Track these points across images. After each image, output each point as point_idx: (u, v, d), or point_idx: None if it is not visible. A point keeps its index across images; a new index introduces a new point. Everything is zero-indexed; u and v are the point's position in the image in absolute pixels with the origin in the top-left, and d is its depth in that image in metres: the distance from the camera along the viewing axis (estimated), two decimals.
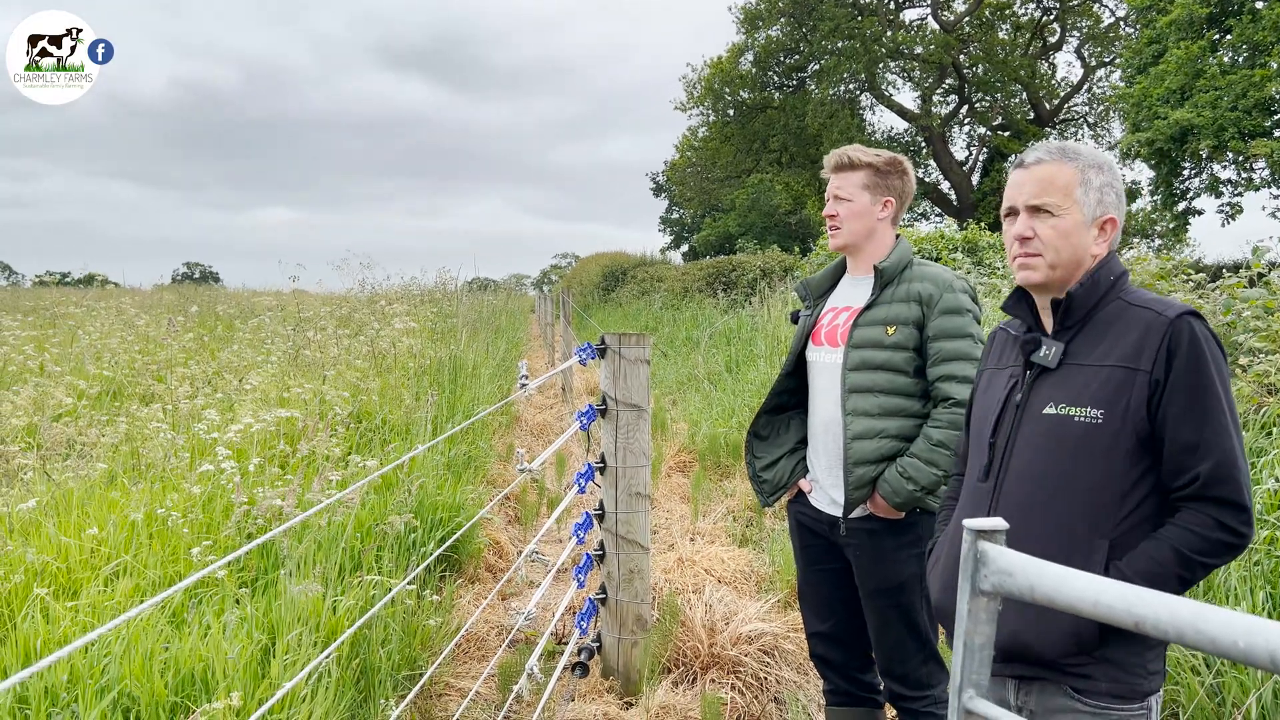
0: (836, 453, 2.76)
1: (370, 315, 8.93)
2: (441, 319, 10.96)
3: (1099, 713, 1.82)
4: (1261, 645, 0.88)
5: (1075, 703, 1.83)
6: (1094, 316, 1.91)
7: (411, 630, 4.04)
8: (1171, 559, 1.76)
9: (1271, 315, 4.44)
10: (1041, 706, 1.88)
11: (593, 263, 36.21)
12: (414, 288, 13.86)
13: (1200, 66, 20.09)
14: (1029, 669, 1.87)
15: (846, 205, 2.77)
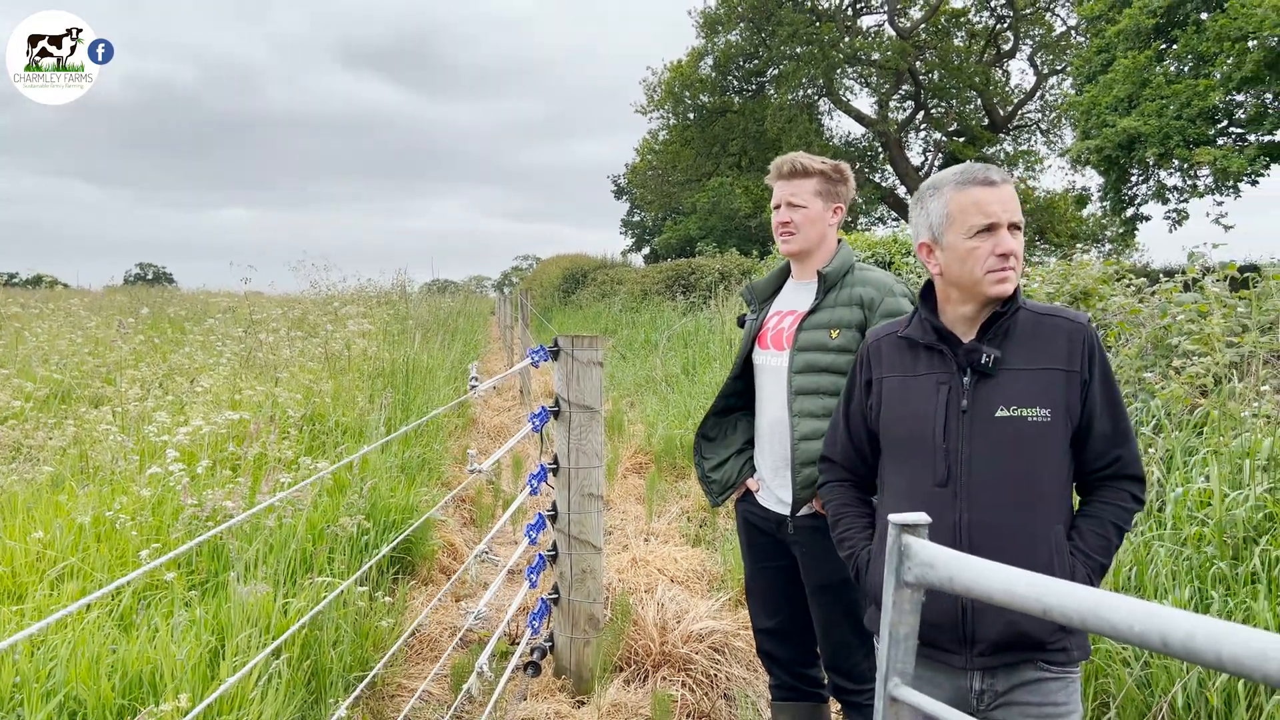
0: (783, 453, 2.83)
1: (324, 317, 8.87)
2: (397, 321, 10.91)
3: (1062, 676, 2.03)
4: (1155, 629, 0.94)
5: (1044, 673, 2.02)
6: (1013, 326, 2.04)
7: (363, 631, 4.04)
8: (1112, 531, 2.02)
9: (1204, 319, 4.59)
10: (1009, 684, 2.02)
11: (553, 265, 36.17)
12: (370, 289, 13.77)
13: (1147, 76, 20.57)
14: (1019, 654, 2.01)
15: (801, 212, 2.84)
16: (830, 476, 2.36)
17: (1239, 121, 20.92)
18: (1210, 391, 4.26)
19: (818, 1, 29.80)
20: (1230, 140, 21.12)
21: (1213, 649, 0.89)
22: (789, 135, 28.44)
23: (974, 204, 2.02)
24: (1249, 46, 19.21)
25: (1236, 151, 19.83)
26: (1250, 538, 3.33)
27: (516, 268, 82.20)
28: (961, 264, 2.03)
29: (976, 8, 30.54)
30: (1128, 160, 21.25)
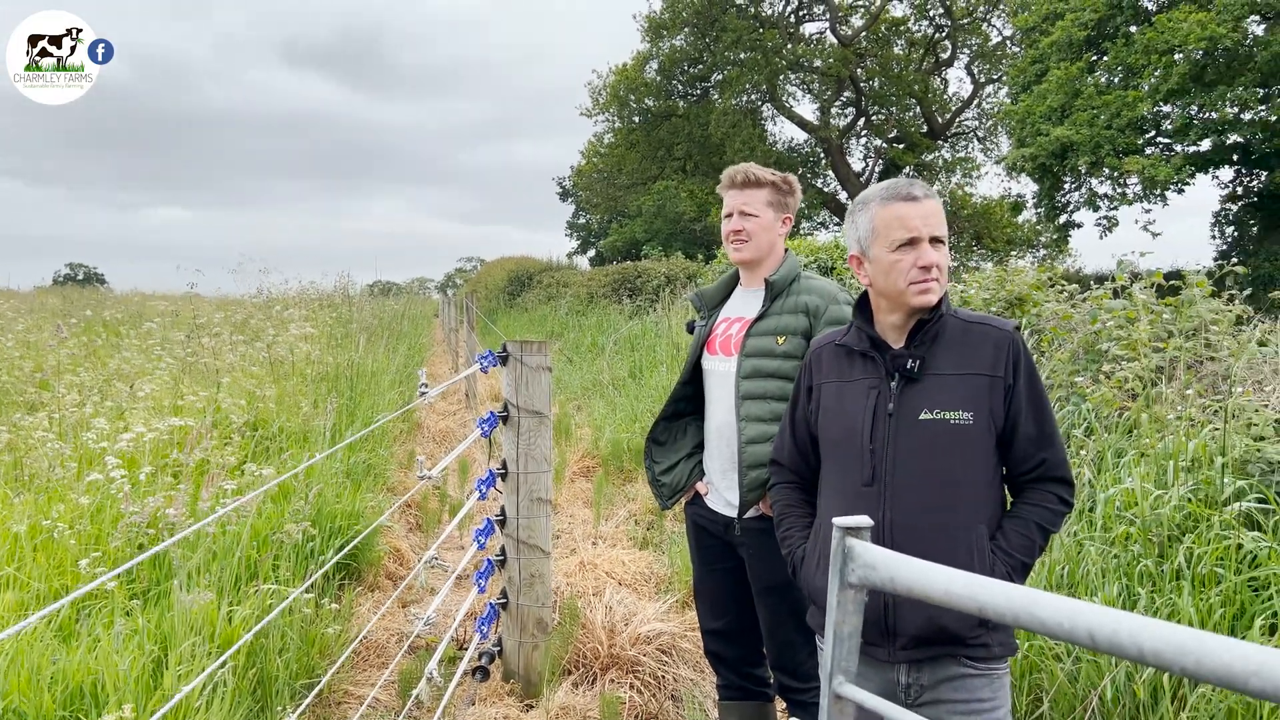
0: (731, 456, 2.89)
1: (266, 321, 8.74)
2: (340, 325, 10.79)
3: (986, 673, 2.10)
4: (1082, 626, 1.01)
5: (967, 669, 2.09)
6: (940, 333, 2.13)
7: (310, 639, 4.01)
8: (1035, 532, 2.09)
9: (1132, 325, 4.77)
10: (933, 679, 2.10)
11: (498, 267, 36.00)
12: (312, 292, 13.59)
13: (1079, 86, 21.17)
14: (938, 649, 2.08)
15: (754, 221, 2.91)
16: (778, 478, 2.44)
17: (1166, 132, 21.61)
18: (1138, 395, 4.42)
19: (761, 8, 30.11)
20: (1158, 150, 21.81)
21: (1134, 644, 0.95)
22: (733, 140, 28.69)
23: (897, 219, 2.11)
24: (1175, 59, 19.88)
25: (1163, 161, 20.48)
26: (1174, 536, 3.47)
27: (460, 270, 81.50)
28: (886, 276, 2.12)
29: (915, 17, 31.12)
30: (1060, 168, 21.84)
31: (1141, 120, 20.66)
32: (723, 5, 28.91)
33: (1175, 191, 21.53)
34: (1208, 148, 21.66)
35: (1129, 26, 21.72)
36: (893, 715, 1.33)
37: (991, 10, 30.02)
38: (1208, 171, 22.45)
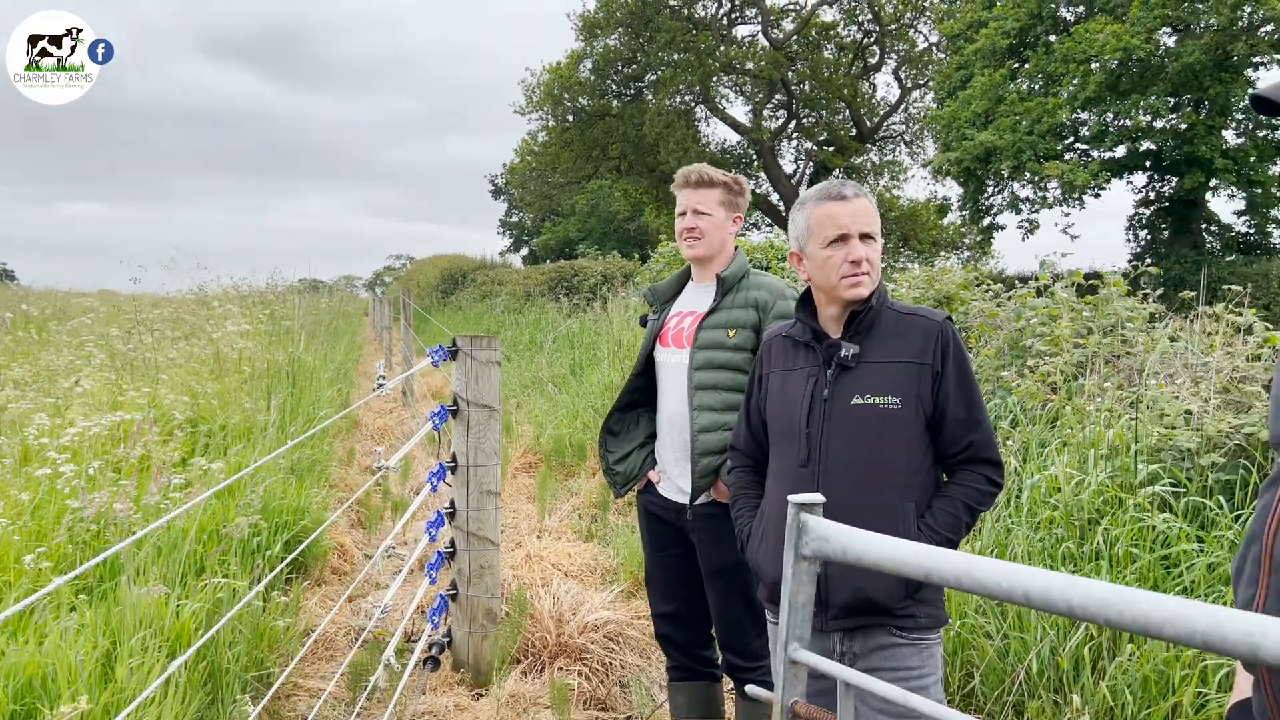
0: (683, 445, 3.01)
1: (203, 318, 8.62)
2: (274, 321, 10.67)
3: (914, 642, 2.24)
4: (1018, 585, 1.13)
5: (896, 638, 2.23)
6: (876, 324, 2.28)
7: (259, 632, 4.03)
8: (962, 510, 2.23)
9: (1054, 322, 5.03)
10: (865, 648, 2.24)
11: (430, 265, 35.67)
12: (243, 288, 13.38)
13: (1001, 93, 21.84)
14: (866, 618, 2.22)
15: (707, 219, 3.04)
16: (735, 462, 2.58)
17: (1084, 138, 22.45)
18: (1060, 388, 4.67)
19: (694, 10, 30.35)
20: (1076, 156, 22.64)
21: (1064, 600, 1.08)
22: (667, 140, 28.88)
23: (828, 217, 2.26)
24: (1092, 69, 20.65)
25: (1081, 166, 21.27)
26: (1094, 519, 3.70)
27: (389, 267, 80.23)
28: (821, 270, 2.28)
29: (845, 22, 31.70)
30: (984, 172, 22.52)
31: (1061, 127, 21.42)
32: (656, 6, 29.08)
33: (1092, 196, 22.38)
34: (1122, 154, 22.57)
35: (1049, 36, 22.50)
36: (841, 674, 1.45)
37: (918, 17, 30.74)
38: (1122, 177, 23.40)
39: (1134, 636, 3.27)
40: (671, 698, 3.41)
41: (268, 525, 4.56)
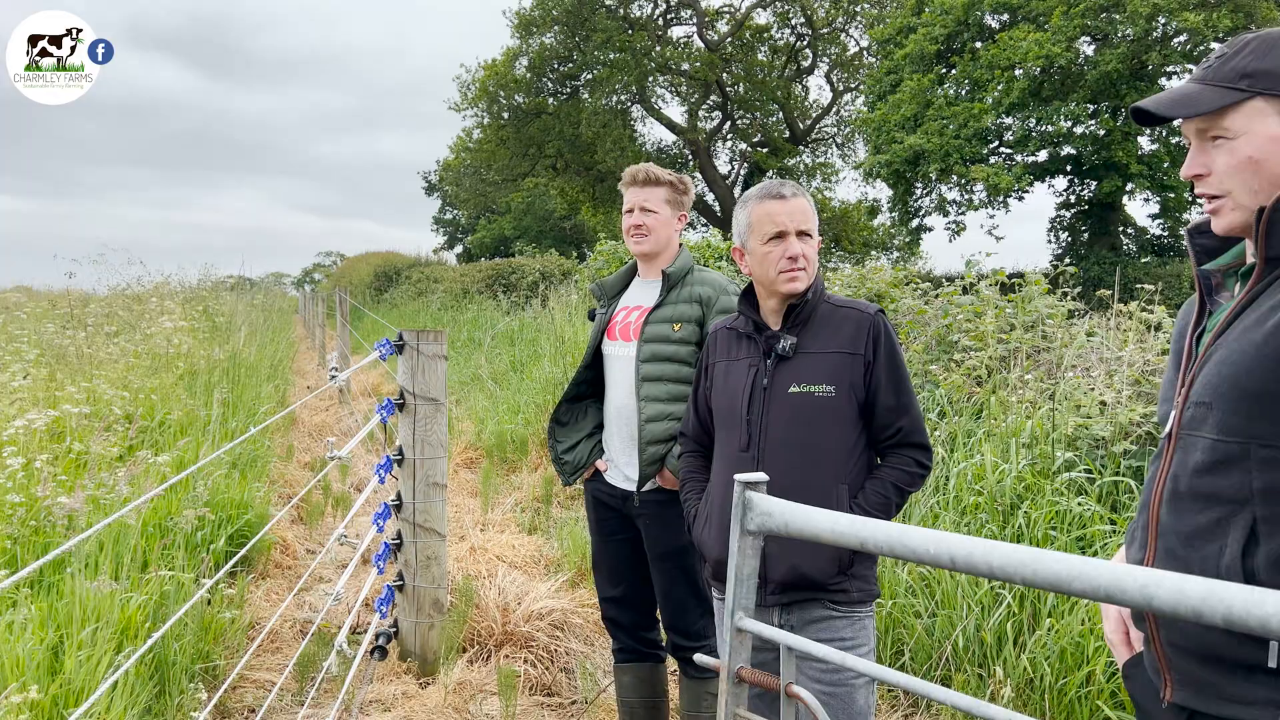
0: (631, 434, 3.13)
1: (138, 314, 8.47)
2: (207, 318, 10.53)
3: (847, 615, 2.39)
4: (944, 551, 1.26)
5: (831, 611, 2.37)
6: (813, 316, 2.43)
7: (205, 624, 4.04)
8: (891, 490, 2.38)
9: (979, 319, 5.28)
10: (802, 620, 2.38)
11: (363, 262, 35.25)
12: (173, 284, 13.14)
13: (930, 97, 22.41)
14: (802, 593, 2.36)
15: (654, 217, 3.16)
16: (684, 448, 2.72)
17: (1008, 143, 23.15)
18: (985, 381, 4.91)
19: (630, 10, 30.51)
20: (1001, 159, 23.33)
21: (986, 562, 1.22)
22: (604, 140, 28.98)
23: (767, 215, 2.41)
24: (1016, 75, 21.32)
25: (1006, 170, 21.94)
26: (1015, 504, 3.92)
27: (319, 264, 78.80)
28: (760, 265, 2.42)
29: (778, 25, 32.16)
30: (913, 174, 23.09)
31: (986, 131, 22.07)
32: (592, 5, 29.16)
33: (1016, 198, 23.10)
34: (1045, 158, 23.33)
35: (975, 43, 23.15)
36: (782, 639, 1.57)
37: (850, 21, 31.33)
38: (1045, 180, 24.17)
39: (1052, 611, 3.48)
40: (617, 678, 3.52)
41: (215, 518, 4.56)
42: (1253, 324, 1.42)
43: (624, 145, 29.33)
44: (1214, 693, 1.45)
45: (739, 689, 1.63)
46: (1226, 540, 1.41)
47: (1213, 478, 1.44)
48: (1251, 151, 1.43)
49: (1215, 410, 1.44)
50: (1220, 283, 1.58)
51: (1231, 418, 1.42)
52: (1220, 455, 1.43)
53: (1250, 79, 1.43)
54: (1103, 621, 1.76)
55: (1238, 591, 0.91)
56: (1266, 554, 1.38)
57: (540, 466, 7.40)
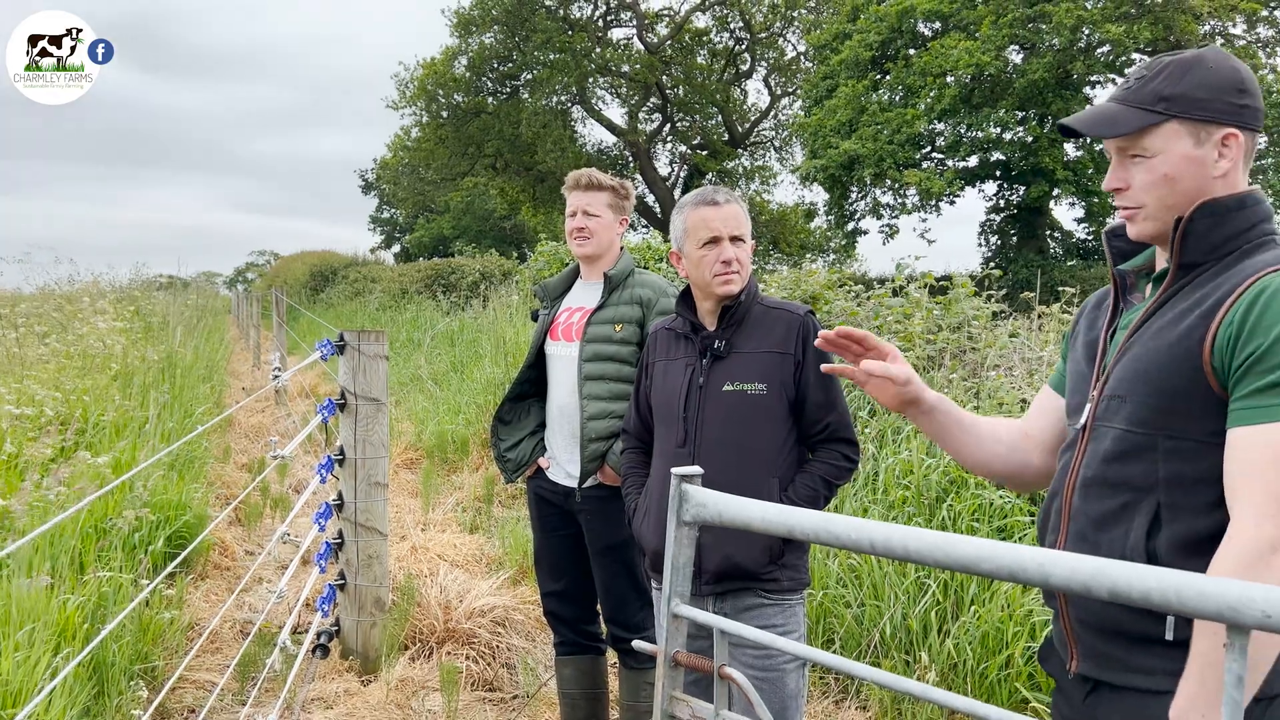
0: (572, 432, 3.22)
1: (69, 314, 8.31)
2: (141, 318, 10.34)
3: (779, 603, 2.50)
4: (865, 536, 1.36)
5: (763, 599, 2.49)
6: (746, 317, 2.55)
7: (144, 626, 4.03)
8: (820, 484, 2.49)
9: (908, 320, 5.47)
10: (735, 609, 2.49)
11: (298, 261, 34.70)
12: (103, 283, 12.87)
13: (864, 103, 22.87)
14: (736, 583, 2.47)
15: (596, 220, 3.26)
16: (626, 444, 2.84)
17: (940, 148, 23.72)
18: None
19: (570, 11, 30.56)
20: (933, 164, 23.88)
21: (902, 546, 1.32)
22: (544, 140, 28.96)
23: (702, 221, 2.52)
24: (947, 82, 21.87)
25: (937, 175, 22.47)
26: (940, 498, 4.10)
27: (253, 264, 77.24)
28: (696, 269, 2.53)
29: (717, 29, 32.47)
30: (848, 179, 23.52)
31: (919, 136, 22.59)
32: (532, 6, 29.14)
33: (948, 203, 23.66)
34: (975, 164, 23.94)
35: (908, 50, 23.67)
36: (715, 623, 1.67)
37: (787, 27, 31.75)
38: (975, 185, 24.82)
39: (974, 599, 3.66)
40: (558, 671, 3.61)
41: (154, 519, 4.54)
42: (1167, 324, 1.54)
43: (564, 146, 29.36)
44: (1117, 664, 1.57)
45: (675, 673, 1.73)
46: (1132, 524, 1.53)
47: (1122, 466, 1.56)
48: (1167, 170, 1.56)
49: (1128, 403, 1.56)
50: (1134, 283, 1.71)
51: (1142, 411, 1.54)
52: (1130, 445, 1.55)
53: (1167, 102, 1.55)
54: None
55: (1120, 568, 1.03)
56: (1168, 537, 1.50)
57: (482, 466, 7.44)
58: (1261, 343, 1.41)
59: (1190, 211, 1.55)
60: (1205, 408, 1.48)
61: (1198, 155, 1.55)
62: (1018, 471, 1.89)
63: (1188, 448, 1.50)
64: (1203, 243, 1.55)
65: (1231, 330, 1.45)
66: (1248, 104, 1.56)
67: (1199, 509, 1.49)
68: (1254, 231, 1.55)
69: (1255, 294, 1.44)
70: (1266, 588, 0.86)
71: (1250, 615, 0.88)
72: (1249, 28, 22.68)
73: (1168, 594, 0.96)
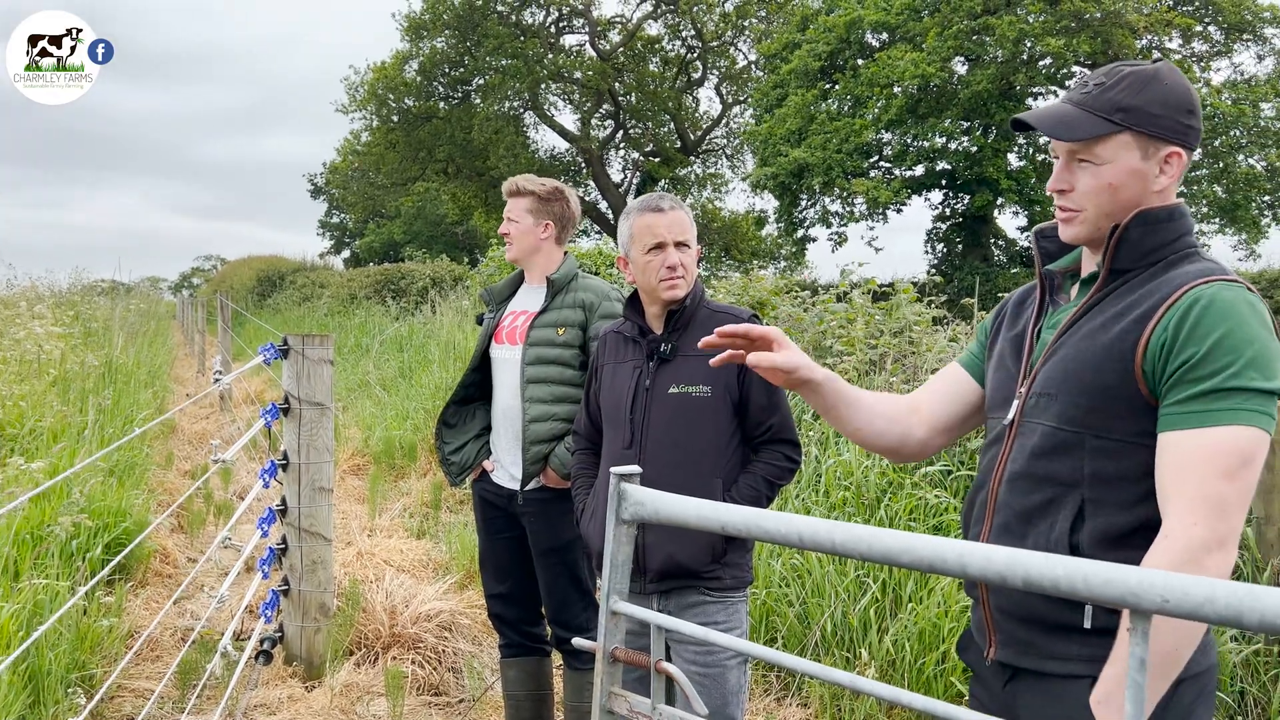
0: (515, 434, 3.25)
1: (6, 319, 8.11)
2: (81, 323, 10.14)
3: (721, 600, 2.55)
4: (794, 530, 1.39)
5: (706, 597, 2.54)
6: (692, 321, 2.61)
7: (81, 633, 3.97)
8: (762, 484, 2.55)
9: (852, 325, 5.58)
10: (679, 606, 2.54)
11: (245, 266, 34.19)
12: (41, 288, 12.59)
13: (814, 112, 23.16)
14: (679, 581, 2.52)
15: (515, 225, 3.32)
16: (577, 445, 2.87)
17: (887, 157, 24.09)
18: (855, 383, 5.19)
19: (522, 17, 30.53)
20: (880, 173, 24.25)
21: (829, 539, 1.37)
22: (496, 146, 28.88)
23: (647, 227, 2.58)
24: (894, 93, 22.23)
25: (884, 184, 22.83)
26: (879, 498, 4.19)
27: (198, 269, 75.87)
28: (642, 274, 2.59)
29: (669, 37, 32.65)
30: (798, 187, 23.80)
31: (867, 146, 22.94)
32: (484, 11, 29.07)
33: (895, 211, 24.04)
34: (921, 173, 24.36)
35: (856, 60, 24.03)
36: (652, 619, 1.71)
37: (738, 36, 32.04)
38: (921, 194, 25.24)
39: (911, 597, 3.75)
40: (503, 673, 3.63)
41: (92, 526, 4.47)
42: (1097, 328, 1.60)
43: (517, 152, 29.31)
44: (1035, 651, 1.63)
45: (614, 669, 1.76)
46: (1058, 518, 1.60)
47: (1049, 462, 1.62)
48: (1113, 179, 1.61)
49: (1057, 401, 1.62)
50: (1060, 284, 1.77)
51: (1071, 409, 1.60)
52: (1058, 442, 1.61)
53: (1124, 114, 1.60)
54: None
55: (1033, 558, 1.09)
56: (1090, 531, 1.57)
57: (429, 472, 7.41)
58: (1195, 352, 1.47)
59: (1127, 220, 1.61)
60: (1132, 409, 1.55)
61: (1142, 169, 1.61)
62: (896, 445, 1.93)
63: (1113, 446, 1.56)
64: (1134, 250, 1.61)
65: (1165, 338, 1.51)
66: (1193, 125, 1.63)
67: (1121, 505, 1.55)
68: (1180, 243, 1.62)
69: (1189, 304, 1.50)
70: (1166, 574, 0.91)
71: (1150, 600, 0.94)
72: (1184, 42, 23.39)
73: (1075, 581, 1.02)
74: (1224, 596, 0.88)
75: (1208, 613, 0.90)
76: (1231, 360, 1.46)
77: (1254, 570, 3.35)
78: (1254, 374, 1.46)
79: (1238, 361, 1.46)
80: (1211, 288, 1.51)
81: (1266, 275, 18.69)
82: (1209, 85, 22.67)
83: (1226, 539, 1.44)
